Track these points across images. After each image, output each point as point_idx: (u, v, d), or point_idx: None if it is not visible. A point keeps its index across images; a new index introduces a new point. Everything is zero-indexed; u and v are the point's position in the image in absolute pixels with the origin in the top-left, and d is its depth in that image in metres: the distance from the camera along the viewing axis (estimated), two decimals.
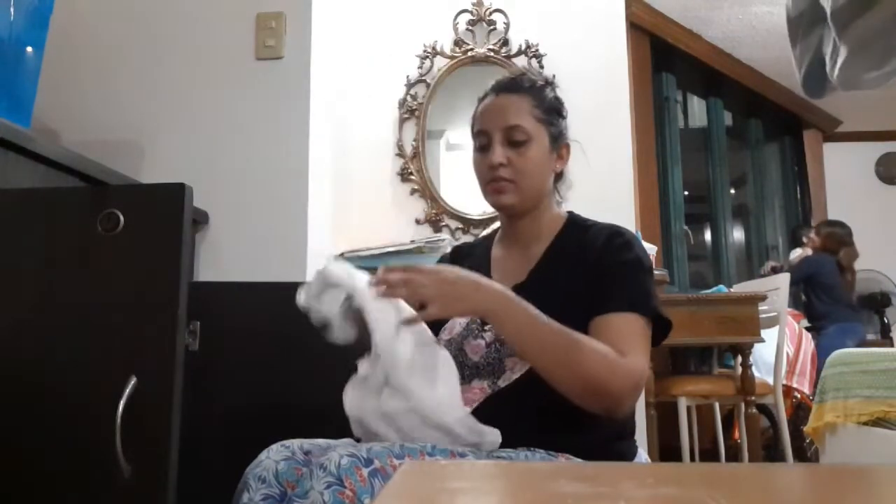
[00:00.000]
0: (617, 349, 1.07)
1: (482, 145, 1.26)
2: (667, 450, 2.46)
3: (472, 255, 1.38)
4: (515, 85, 1.28)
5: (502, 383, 1.15)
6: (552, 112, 1.28)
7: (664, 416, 2.47)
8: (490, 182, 1.25)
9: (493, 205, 1.28)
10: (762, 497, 0.47)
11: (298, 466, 1.03)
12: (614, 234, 1.21)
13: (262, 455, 1.06)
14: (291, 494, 0.97)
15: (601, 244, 1.20)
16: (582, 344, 1.07)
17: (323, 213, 2.04)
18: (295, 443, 1.09)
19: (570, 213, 1.33)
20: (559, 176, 1.33)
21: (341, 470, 0.93)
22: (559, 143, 1.29)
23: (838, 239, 4.59)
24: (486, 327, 1.21)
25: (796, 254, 4.78)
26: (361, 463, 0.95)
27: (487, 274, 1.27)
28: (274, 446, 1.08)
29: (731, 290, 3.32)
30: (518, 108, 1.24)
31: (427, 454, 1.02)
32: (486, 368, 1.18)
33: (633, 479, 0.52)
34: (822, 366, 2.85)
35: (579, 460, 1.09)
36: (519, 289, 1.18)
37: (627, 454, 1.19)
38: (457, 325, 1.25)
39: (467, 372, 1.19)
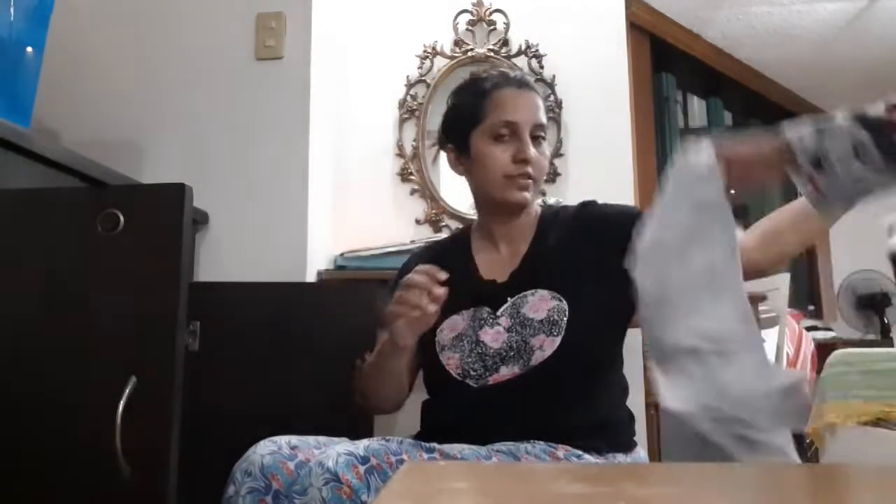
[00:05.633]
0: None
1: (501, 135, 1.24)
2: None
3: (449, 253, 1.36)
4: (531, 83, 1.31)
5: (535, 361, 1.15)
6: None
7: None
8: (517, 176, 1.23)
9: (512, 199, 1.25)
10: (762, 497, 0.47)
11: (284, 460, 1.04)
12: (588, 204, 1.29)
13: (250, 451, 1.07)
14: (291, 492, 0.98)
15: (592, 215, 1.25)
16: None
17: (323, 213, 2.04)
18: (283, 439, 1.10)
19: (540, 206, 1.36)
20: None
21: (338, 467, 0.94)
22: None
23: None
24: (498, 312, 1.21)
25: None
26: (358, 461, 0.96)
27: (475, 271, 1.28)
28: (261, 442, 1.09)
29: None
30: (541, 107, 1.27)
31: (425, 452, 1.03)
32: (511, 353, 1.17)
33: (633, 479, 0.52)
34: None
35: (578, 451, 1.09)
36: (513, 277, 1.22)
37: (625, 442, 1.20)
38: (458, 320, 1.24)
39: (490, 361, 1.18)
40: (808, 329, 4.11)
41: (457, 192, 2.55)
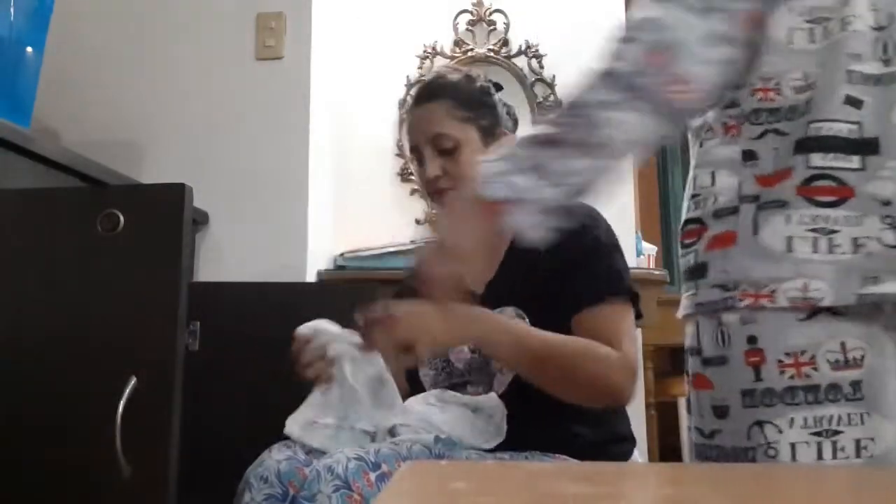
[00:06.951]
0: (608, 344, 1.06)
1: (418, 160, 1.24)
2: (667, 450, 2.46)
3: None
4: (430, 92, 1.24)
5: (498, 388, 1.15)
6: (477, 105, 1.22)
7: (664, 416, 2.47)
8: (433, 196, 1.24)
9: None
10: (762, 497, 0.47)
11: (300, 466, 1.03)
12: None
13: (264, 455, 1.06)
14: (298, 497, 0.97)
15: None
16: (576, 351, 1.06)
17: (323, 213, 2.04)
18: (296, 444, 1.08)
19: None
20: None
21: (349, 473, 0.93)
22: (494, 132, 1.22)
23: None
24: None
25: None
26: (369, 467, 0.95)
27: None
28: (275, 446, 1.08)
29: None
30: (437, 115, 1.20)
31: (435, 459, 1.02)
32: (475, 375, 1.17)
33: (633, 479, 0.52)
34: None
35: (575, 461, 1.09)
36: (489, 289, 1.17)
37: (621, 456, 1.18)
38: None
39: (456, 380, 1.19)
40: None
41: None
